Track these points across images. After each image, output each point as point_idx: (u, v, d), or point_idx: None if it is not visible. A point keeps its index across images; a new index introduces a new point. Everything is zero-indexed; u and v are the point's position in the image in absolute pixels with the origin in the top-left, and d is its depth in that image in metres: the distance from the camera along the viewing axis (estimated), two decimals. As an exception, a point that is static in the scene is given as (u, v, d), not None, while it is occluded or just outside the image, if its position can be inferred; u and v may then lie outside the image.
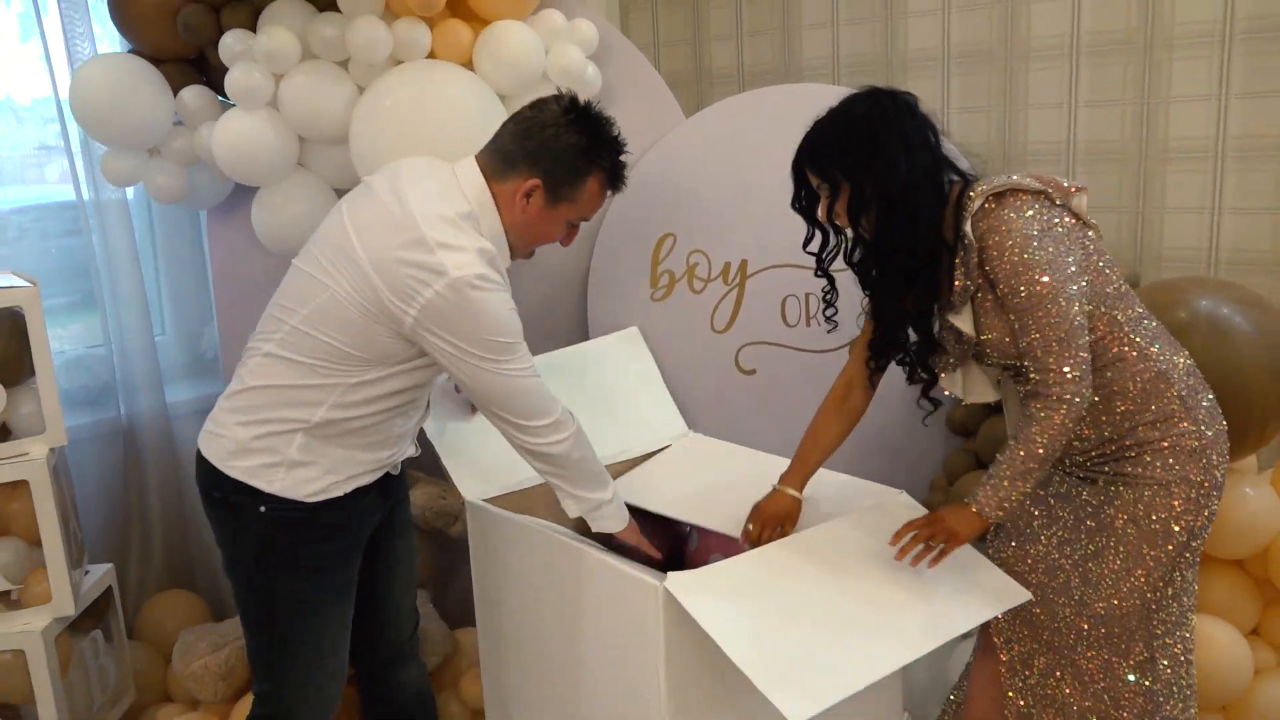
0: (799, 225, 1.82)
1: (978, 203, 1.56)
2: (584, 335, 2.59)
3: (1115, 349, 1.60)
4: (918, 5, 2.80)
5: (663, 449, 2.31)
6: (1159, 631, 1.64)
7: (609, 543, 1.85)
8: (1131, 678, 1.65)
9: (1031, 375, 1.57)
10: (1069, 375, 1.52)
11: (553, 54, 2.29)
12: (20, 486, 1.95)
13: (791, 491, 1.82)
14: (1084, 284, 1.56)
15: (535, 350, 1.76)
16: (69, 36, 2.39)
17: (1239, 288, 2.03)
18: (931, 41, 2.79)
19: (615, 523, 1.80)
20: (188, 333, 2.72)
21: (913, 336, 1.70)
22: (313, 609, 1.73)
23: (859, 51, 2.94)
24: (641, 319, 2.54)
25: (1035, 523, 1.74)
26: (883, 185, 1.58)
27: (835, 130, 1.63)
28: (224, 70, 2.18)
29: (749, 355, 2.53)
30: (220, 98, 2.28)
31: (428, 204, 1.61)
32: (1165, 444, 1.59)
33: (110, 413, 2.54)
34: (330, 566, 1.74)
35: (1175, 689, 1.67)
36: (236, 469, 1.65)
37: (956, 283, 1.60)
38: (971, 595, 1.68)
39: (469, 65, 2.24)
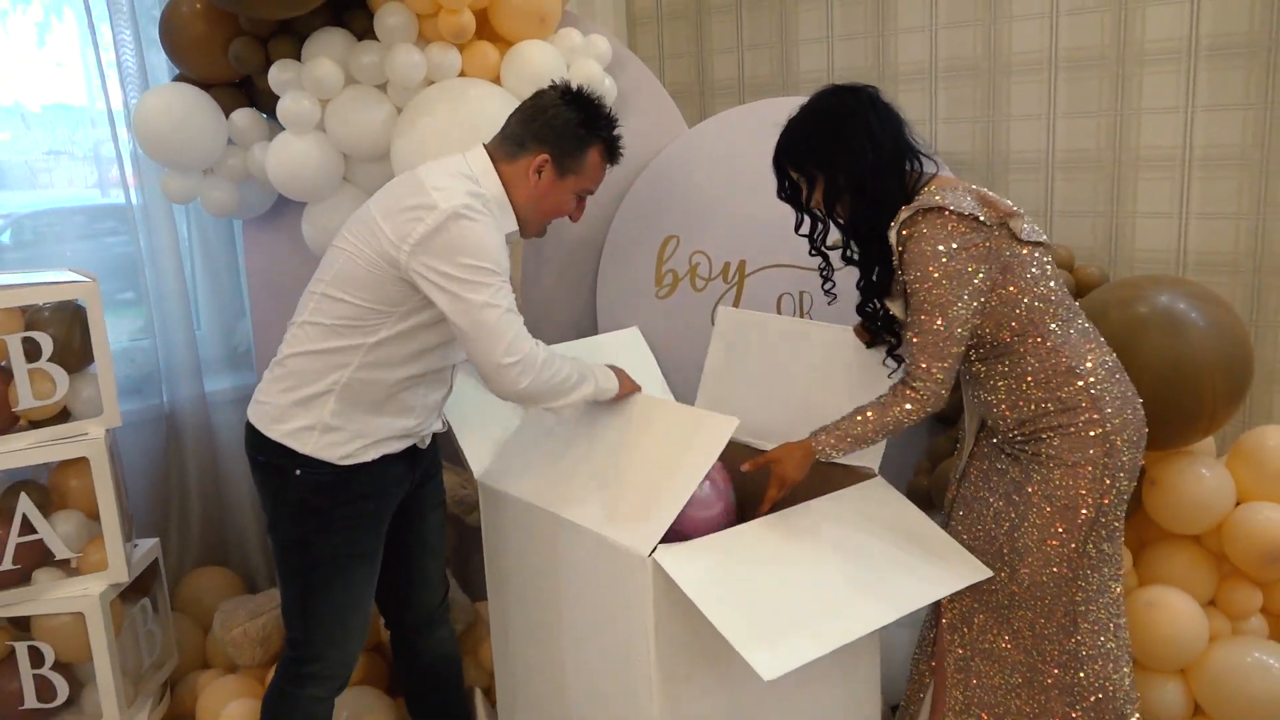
0: (793, 227, 1.96)
1: (905, 214, 1.70)
2: (594, 329, 2.71)
3: (1032, 341, 1.75)
4: (907, 22, 2.90)
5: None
6: (1079, 598, 1.78)
7: None
8: (1056, 637, 1.80)
9: (906, 364, 1.75)
10: (933, 375, 1.70)
11: (573, 69, 2.41)
12: (81, 463, 2.10)
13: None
14: (979, 303, 1.70)
15: (548, 341, 1.89)
16: (119, 46, 2.54)
17: (1194, 285, 2.16)
18: (920, 56, 2.90)
19: (608, 391, 1.93)
20: (223, 328, 2.86)
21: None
22: (342, 566, 1.88)
23: (852, 65, 3.04)
24: (646, 315, 2.65)
25: (980, 495, 1.89)
26: (852, 173, 1.73)
27: (806, 127, 1.78)
28: (268, 91, 2.32)
29: (747, 349, 2.67)
30: (266, 117, 2.42)
31: (433, 169, 1.80)
32: (1071, 429, 1.74)
33: (154, 400, 2.69)
34: (360, 527, 1.88)
35: (1100, 650, 1.80)
36: (276, 432, 1.81)
37: (896, 272, 1.76)
38: (936, 570, 1.81)
39: (497, 83, 2.37)
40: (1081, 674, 1.81)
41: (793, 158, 1.80)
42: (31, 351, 2.03)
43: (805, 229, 1.90)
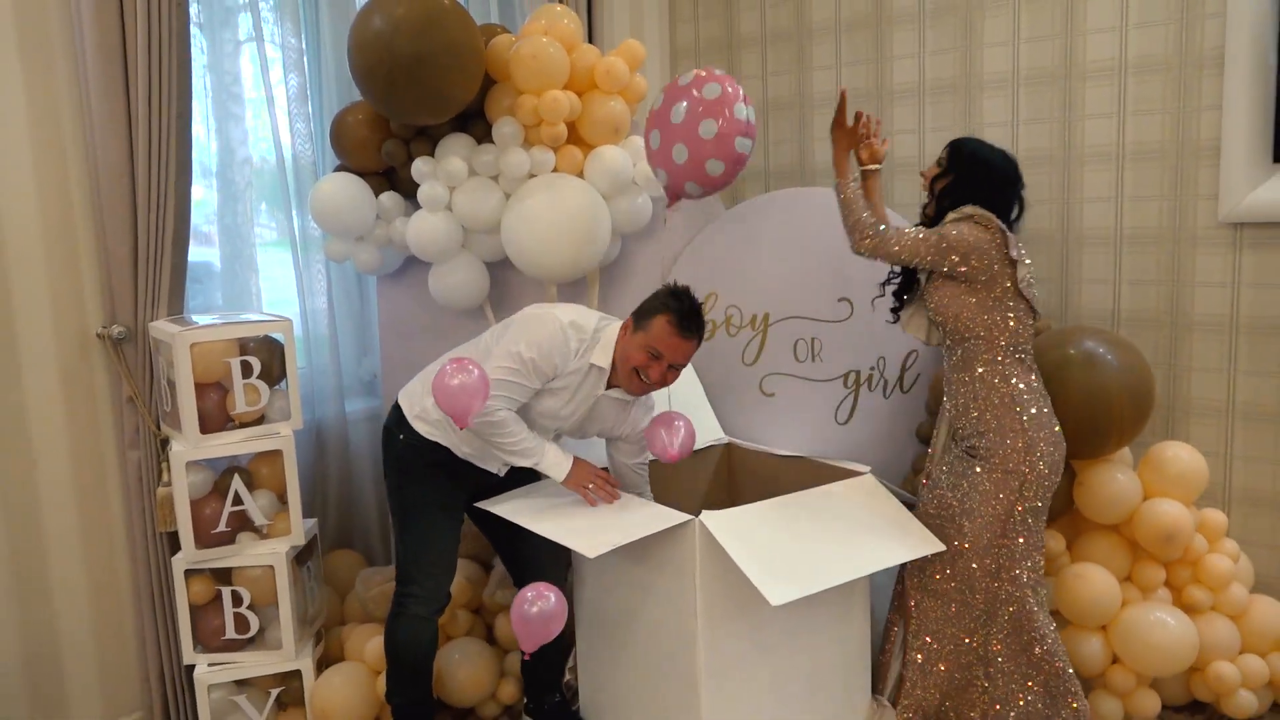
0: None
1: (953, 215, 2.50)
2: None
3: (986, 358, 2.42)
4: (901, 125, 3.53)
5: (705, 448, 3.06)
6: (1004, 552, 2.42)
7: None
8: (983, 580, 2.43)
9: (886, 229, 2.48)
10: (888, 242, 2.48)
11: (639, 167, 3.05)
12: (274, 455, 2.76)
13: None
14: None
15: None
16: (294, 131, 3.26)
17: (1109, 333, 2.76)
18: (911, 153, 3.52)
19: (551, 475, 2.45)
20: (355, 361, 3.50)
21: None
22: (420, 509, 2.53)
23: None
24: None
25: (944, 479, 2.52)
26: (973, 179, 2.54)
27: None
28: (407, 179, 3.02)
29: (770, 382, 3.11)
30: (405, 198, 3.08)
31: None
32: (996, 441, 2.39)
33: (306, 415, 3.23)
34: (435, 482, 2.53)
35: (1018, 583, 2.43)
36: (404, 407, 2.54)
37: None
38: (905, 541, 2.42)
39: (581, 176, 3.04)
40: (998, 606, 2.43)
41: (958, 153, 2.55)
42: (245, 370, 2.70)
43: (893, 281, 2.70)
